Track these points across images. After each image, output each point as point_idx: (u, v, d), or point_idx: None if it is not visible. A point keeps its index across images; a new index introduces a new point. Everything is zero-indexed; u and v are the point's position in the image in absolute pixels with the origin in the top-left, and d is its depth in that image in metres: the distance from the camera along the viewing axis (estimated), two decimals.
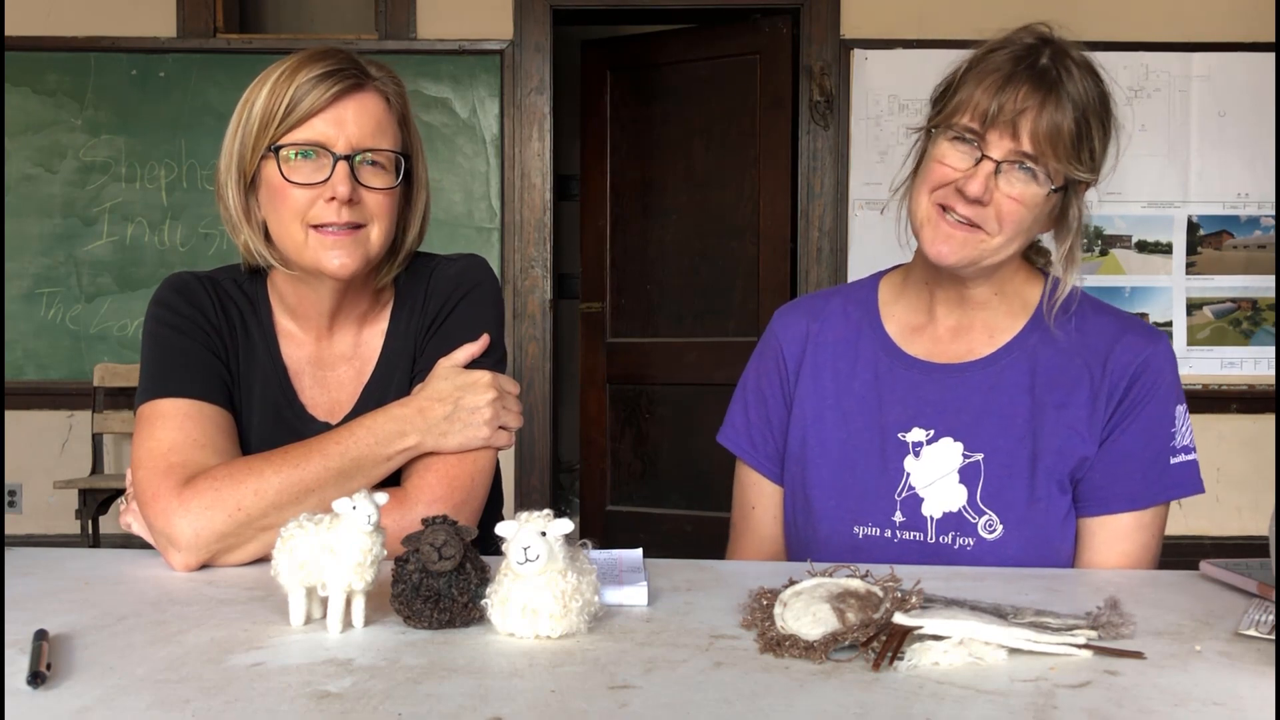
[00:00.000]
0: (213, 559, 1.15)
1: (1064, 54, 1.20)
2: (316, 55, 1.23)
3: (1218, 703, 0.74)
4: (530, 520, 0.87)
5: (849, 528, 1.29)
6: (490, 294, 1.34)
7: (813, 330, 1.39)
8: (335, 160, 1.21)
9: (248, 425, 1.30)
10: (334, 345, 1.34)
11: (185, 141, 4.34)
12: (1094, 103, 1.20)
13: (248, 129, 1.24)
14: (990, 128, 1.18)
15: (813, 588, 0.90)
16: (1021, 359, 1.29)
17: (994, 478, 1.25)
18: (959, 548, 1.25)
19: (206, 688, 0.76)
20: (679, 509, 4.69)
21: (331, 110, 1.21)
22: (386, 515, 0.95)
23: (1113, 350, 1.27)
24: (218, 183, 1.30)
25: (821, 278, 4.38)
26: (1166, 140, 4.36)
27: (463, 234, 4.33)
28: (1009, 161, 1.18)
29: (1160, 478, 1.25)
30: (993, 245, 1.22)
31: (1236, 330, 4.38)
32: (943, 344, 1.33)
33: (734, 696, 0.75)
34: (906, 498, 1.28)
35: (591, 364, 4.90)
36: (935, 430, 1.29)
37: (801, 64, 4.36)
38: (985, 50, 1.22)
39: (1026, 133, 1.17)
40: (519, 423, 1.28)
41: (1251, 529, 4.34)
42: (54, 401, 4.36)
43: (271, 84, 1.22)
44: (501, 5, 4.35)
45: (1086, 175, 1.21)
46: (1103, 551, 1.26)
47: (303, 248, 1.23)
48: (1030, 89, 1.17)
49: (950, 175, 1.21)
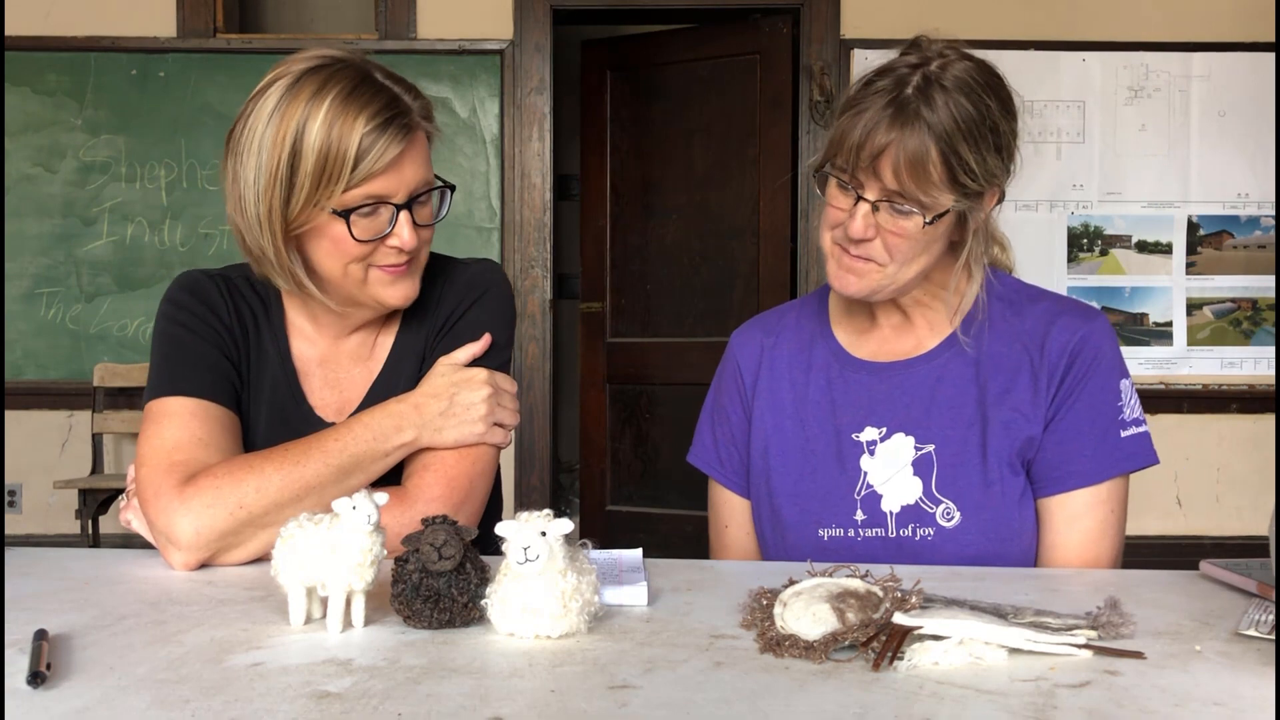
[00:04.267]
0: (212, 558, 1.15)
1: (932, 79, 1.19)
2: (360, 94, 1.16)
3: (1218, 703, 0.74)
4: (530, 520, 0.87)
5: (814, 531, 1.31)
6: (501, 299, 1.34)
7: (767, 344, 1.42)
8: (396, 210, 1.20)
9: (255, 424, 1.30)
10: (346, 344, 1.34)
11: (185, 141, 4.34)
12: (962, 123, 1.17)
13: (296, 180, 1.16)
14: (857, 169, 1.20)
15: (813, 588, 0.90)
16: (965, 350, 1.31)
17: (946, 466, 1.28)
18: (920, 539, 1.27)
19: (206, 688, 0.76)
20: (679, 509, 4.69)
21: (393, 166, 1.18)
22: (386, 515, 0.95)
23: (1049, 331, 1.29)
24: (242, 220, 1.21)
25: (821, 278, 4.37)
26: (1166, 140, 4.36)
27: (463, 234, 4.33)
28: (881, 200, 1.20)
29: (1112, 452, 1.26)
30: (889, 274, 1.24)
31: (1236, 330, 4.38)
32: (889, 343, 1.36)
33: (734, 696, 0.75)
34: (866, 495, 1.30)
35: (591, 364, 4.90)
36: (887, 427, 1.31)
37: (801, 64, 4.36)
38: (862, 83, 1.23)
39: (889, 171, 1.18)
40: (515, 420, 1.28)
41: (1251, 529, 4.34)
42: (54, 401, 4.36)
43: (322, 130, 1.14)
44: (501, 5, 4.35)
45: (974, 191, 1.21)
46: (1063, 531, 1.26)
47: (362, 285, 1.23)
48: (887, 125, 1.17)
49: (838, 216, 1.24)
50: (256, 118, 1.18)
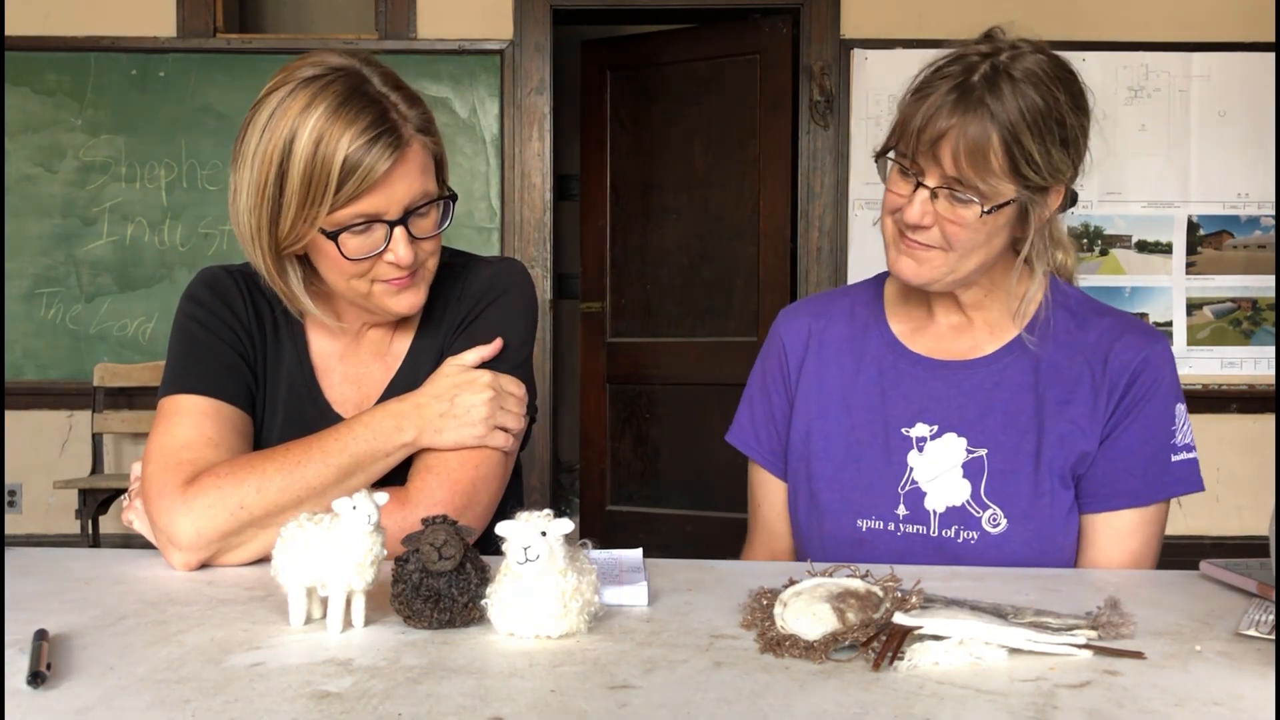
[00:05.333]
0: (213, 558, 1.15)
1: (1002, 69, 1.17)
2: (346, 110, 1.13)
3: (1218, 703, 0.74)
4: (530, 520, 0.87)
5: (852, 520, 1.30)
6: (520, 300, 1.33)
7: (816, 328, 1.40)
8: (391, 227, 1.17)
9: (271, 420, 1.30)
10: (365, 341, 1.34)
11: (185, 141, 4.34)
12: (1028, 113, 1.16)
13: (284, 198, 1.14)
14: (918, 154, 1.19)
15: (813, 588, 0.90)
16: (1024, 357, 1.30)
17: (998, 473, 1.26)
18: (963, 541, 1.25)
19: (206, 688, 0.76)
20: (679, 509, 4.69)
21: (382, 182, 1.14)
22: (387, 516, 0.95)
23: (1113, 348, 1.27)
24: (237, 233, 1.20)
25: (821, 278, 4.38)
26: (1166, 140, 4.35)
27: (463, 234, 4.33)
28: (941, 187, 1.19)
29: (1161, 475, 1.26)
30: (949, 263, 1.23)
31: (1236, 330, 4.38)
32: (945, 342, 1.34)
33: (734, 696, 0.75)
34: (910, 491, 1.29)
35: (591, 364, 4.90)
36: (939, 425, 1.30)
37: (801, 64, 4.36)
38: (931, 69, 1.22)
39: (949, 156, 1.17)
40: (518, 425, 1.26)
41: (1252, 529, 4.34)
42: (54, 401, 4.36)
43: (309, 145, 1.12)
44: (501, 5, 4.35)
45: (1037, 184, 1.19)
46: (1107, 549, 1.26)
47: (367, 297, 1.23)
48: (950, 110, 1.16)
49: (898, 201, 1.23)
50: (252, 129, 1.16)
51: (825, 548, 1.31)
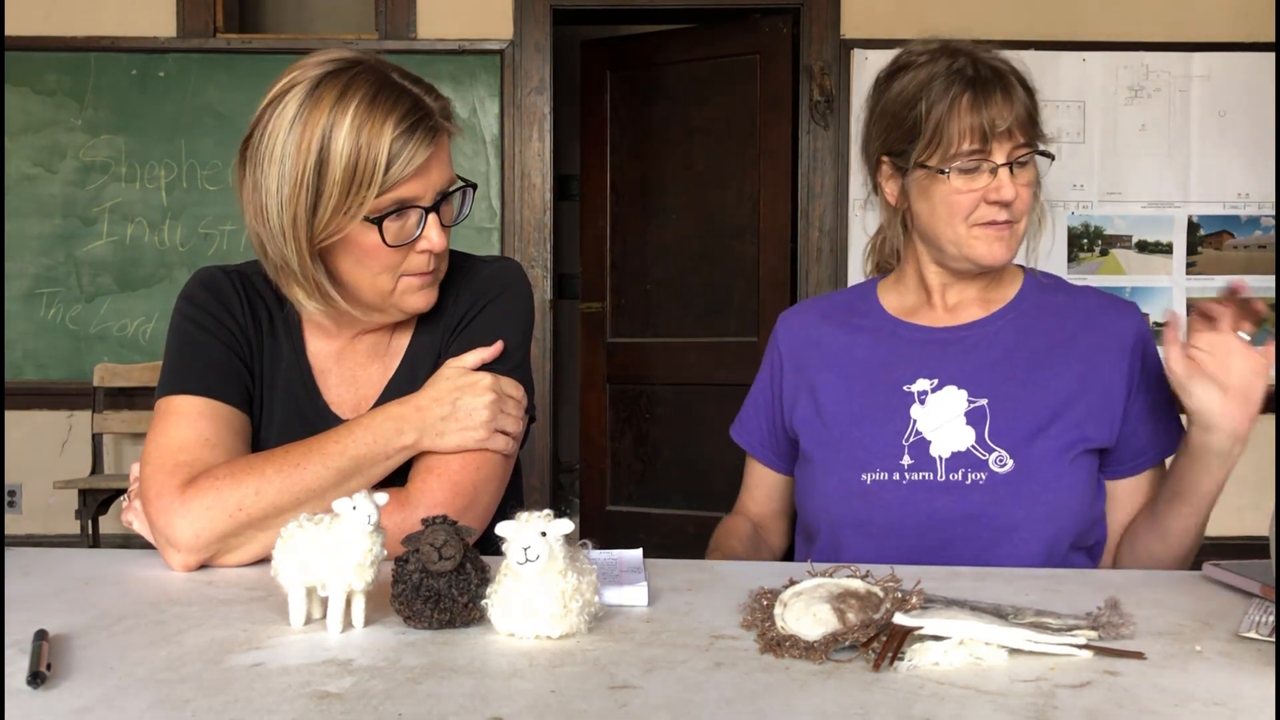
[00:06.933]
0: (212, 559, 1.15)
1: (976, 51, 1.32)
2: (385, 99, 1.15)
3: (1218, 703, 0.74)
4: (530, 520, 0.87)
5: (857, 475, 1.33)
6: (518, 300, 1.33)
7: (811, 321, 1.48)
8: (425, 214, 1.19)
9: (269, 421, 1.29)
10: (363, 342, 1.33)
11: (185, 141, 4.34)
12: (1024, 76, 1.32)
13: (324, 188, 1.15)
14: (990, 140, 1.28)
15: (813, 588, 0.90)
16: (1018, 319, 1.38)
17: (1000, 418, 1.32)
18: (971, 483, 1.29)
19: (206, 688, 0.76)
20: (679, 509, 4.69)
21: (422, 169, 1.18)
22: (387, 517, 0.95)
23: (1106, 314, 1.37)
24: (264, 230, 1.18)
25: (821, 278, 4.38)
26: (1166, 140, 4.35)
27: (463, 234, 4.33)
28: (1009, 161, 1.29)
29: (1176, 421, 1.36)
30: (1020, 231, 1.34)
31: None
32: (941, 319, 1.41)
33: (734, 696, 0.75)
34: (915, 442, 1.33)
35: (591, 364, 4.90)
36: (939, 379, 1.36)
37: (801, 64, 4.36)
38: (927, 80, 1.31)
39: (1017, 127, 1.28)
40: (518, 428, 1.26)
41: (1252, 529, 4.33)
42: (54, 401, 4.36)
43: (350, 137, 1.13)
44: (501, 5, 4.35)
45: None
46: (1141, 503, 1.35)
47: (389, 295, 1.23)
48: (989, 92, 1.28)
49: (966, 201, 1.30)
50: (276, 125, 1.16)
51: (829, 508, 1.35)
